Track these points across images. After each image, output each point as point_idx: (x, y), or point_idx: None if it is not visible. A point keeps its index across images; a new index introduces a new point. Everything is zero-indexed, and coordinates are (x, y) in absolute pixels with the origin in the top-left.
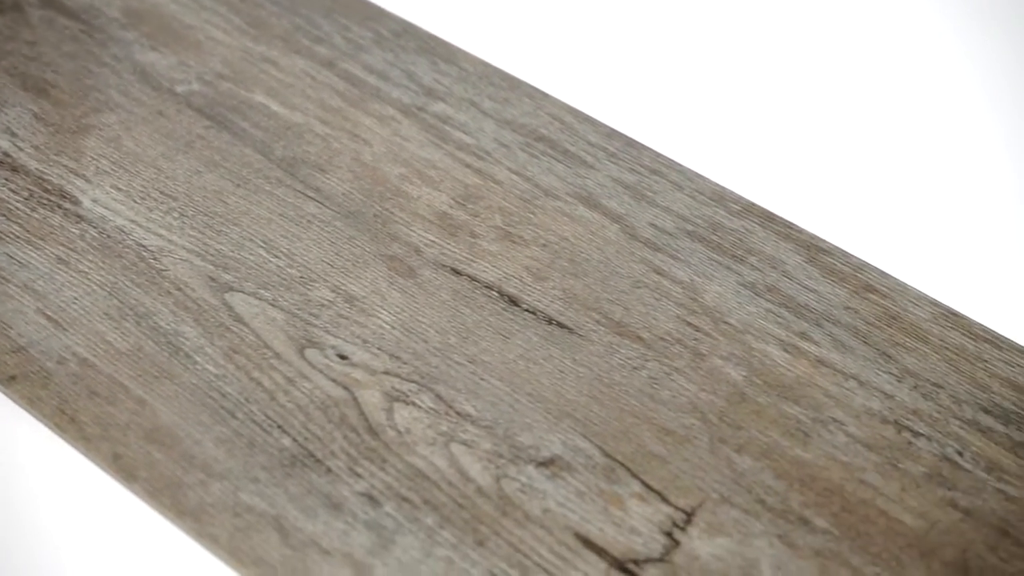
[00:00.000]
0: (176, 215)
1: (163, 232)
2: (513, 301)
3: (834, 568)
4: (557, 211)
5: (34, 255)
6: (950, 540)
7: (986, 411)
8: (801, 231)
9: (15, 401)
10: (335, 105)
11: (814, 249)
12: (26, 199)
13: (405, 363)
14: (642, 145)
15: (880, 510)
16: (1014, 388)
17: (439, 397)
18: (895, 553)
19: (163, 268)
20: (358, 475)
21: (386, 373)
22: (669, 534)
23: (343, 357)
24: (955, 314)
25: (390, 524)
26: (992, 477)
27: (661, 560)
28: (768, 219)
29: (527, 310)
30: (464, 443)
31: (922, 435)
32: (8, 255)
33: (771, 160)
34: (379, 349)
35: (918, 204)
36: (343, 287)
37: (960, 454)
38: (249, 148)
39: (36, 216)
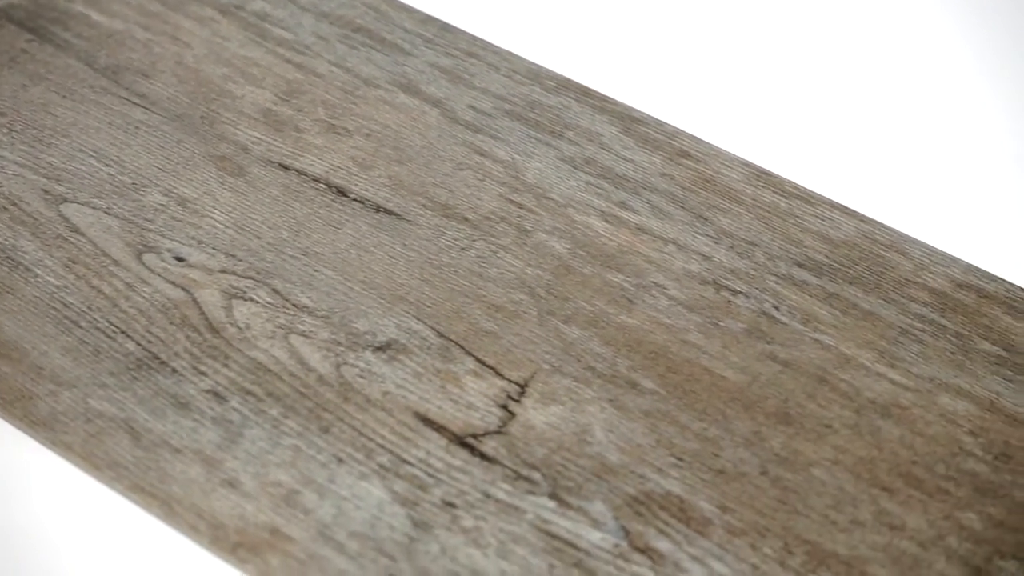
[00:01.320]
0: (5, 131)
1: None
2: (341, 192)
3: (663, 427)
4: (379, 100)
5: None
6: (771, 392)
7: (800, 265)
8: (616, 103)
9: None
10: (154, 10)
11: (628, 120)
12: None
13: (240, 260)
14: (457, 29)
15: (704, 368)
16: (825, 241)
17: (275, 291)
18: (720, 408)
19: None
20: (202, 373)
21: (223, 271)
22: (505, 407)
23: (180, 259)
24: (767, 173)
25: (236, 418)
26: (808, 328)
27: (499, 432)
28: (583, 94)
29: (355, 199)
30: (303, 334)
31: (740, 293)
32: None
33: (583, 35)
34: (214, 249)
35: (727, 69)
36: (175, 190)
37: (777, 308)
38: (73, 59)
39: None
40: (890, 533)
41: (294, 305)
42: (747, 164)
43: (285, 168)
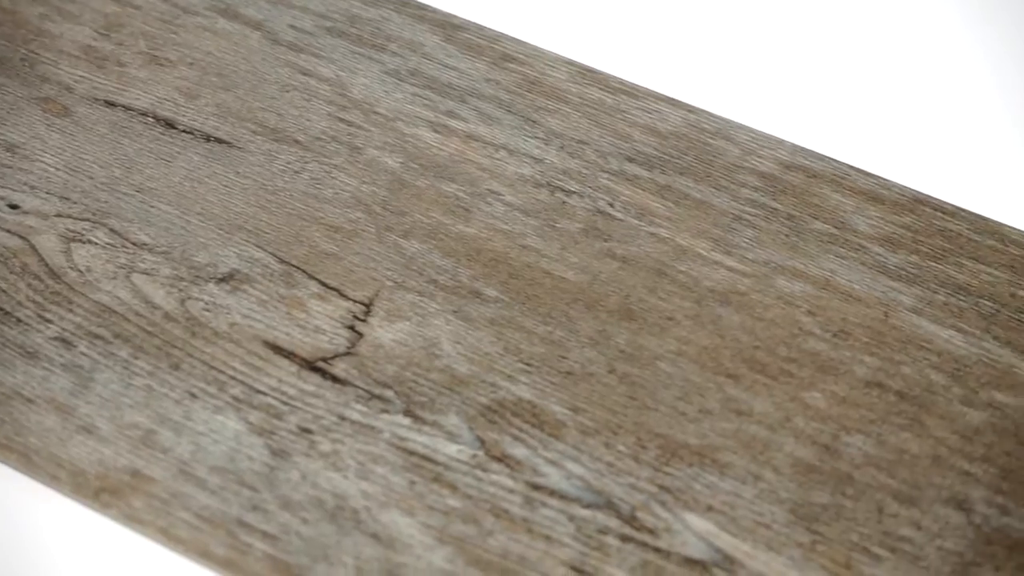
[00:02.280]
0: None
1: None
2: (170, 124)
3: (509, 333)
4: (199, 27)
5: None
6: (612, 289)
7: (630, 160)
8: (435, 11)
9: None
10: None
11: (449, 27)
12: None
13: (75, 203)
14: None
15: (544, 271)
16: (654, 134)
17: (113, 231)
18: (563, 309)
19: None
20: (48, 321)
21: (58, 216)
22: (352, 327)
23: (13, 207)
24: (591, 71)
25: (86, 363)
26: (643, 222)
27: (348, 353)
28: (402, 4)
29: (184, 131)
30: (144, 272)
31: (574, 192)
32: None
33: None
34: (48, 193)
35: None
36: (1, 137)
37: (611, 205)
38: None
39: None
40: (738, 419)
41: (133, 243)
42: (571, 63)
43: (111, 105)
